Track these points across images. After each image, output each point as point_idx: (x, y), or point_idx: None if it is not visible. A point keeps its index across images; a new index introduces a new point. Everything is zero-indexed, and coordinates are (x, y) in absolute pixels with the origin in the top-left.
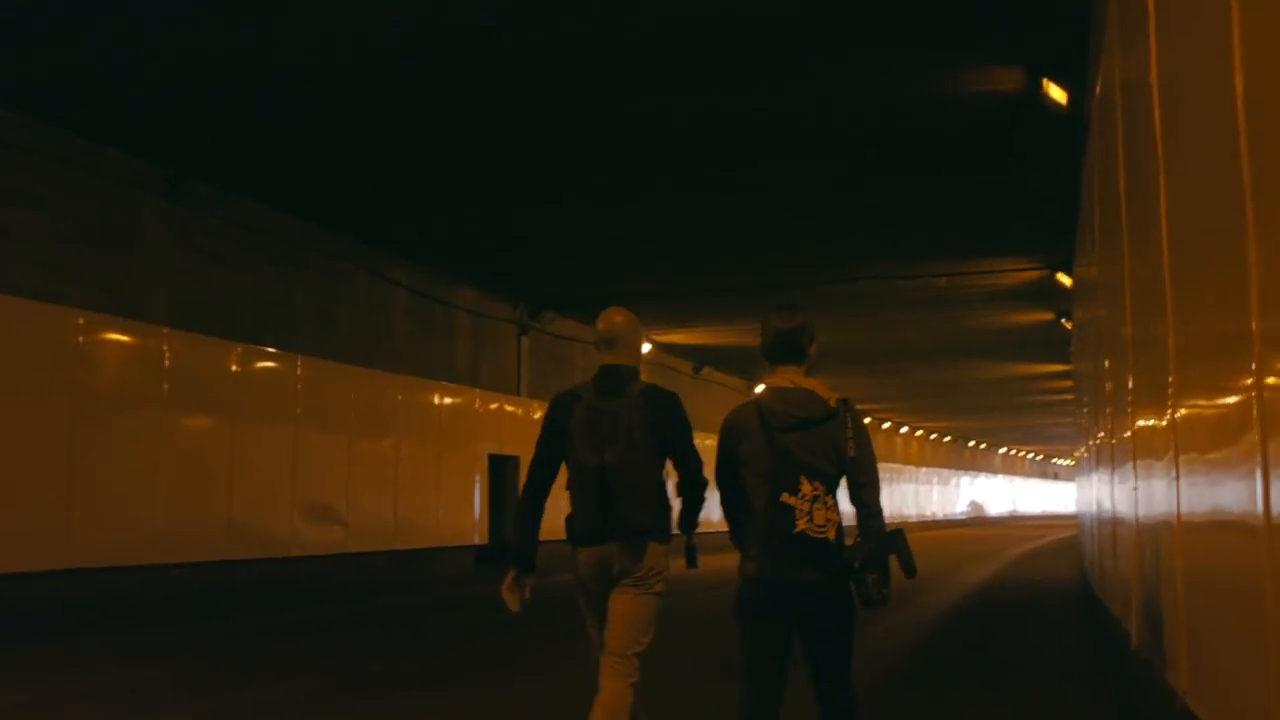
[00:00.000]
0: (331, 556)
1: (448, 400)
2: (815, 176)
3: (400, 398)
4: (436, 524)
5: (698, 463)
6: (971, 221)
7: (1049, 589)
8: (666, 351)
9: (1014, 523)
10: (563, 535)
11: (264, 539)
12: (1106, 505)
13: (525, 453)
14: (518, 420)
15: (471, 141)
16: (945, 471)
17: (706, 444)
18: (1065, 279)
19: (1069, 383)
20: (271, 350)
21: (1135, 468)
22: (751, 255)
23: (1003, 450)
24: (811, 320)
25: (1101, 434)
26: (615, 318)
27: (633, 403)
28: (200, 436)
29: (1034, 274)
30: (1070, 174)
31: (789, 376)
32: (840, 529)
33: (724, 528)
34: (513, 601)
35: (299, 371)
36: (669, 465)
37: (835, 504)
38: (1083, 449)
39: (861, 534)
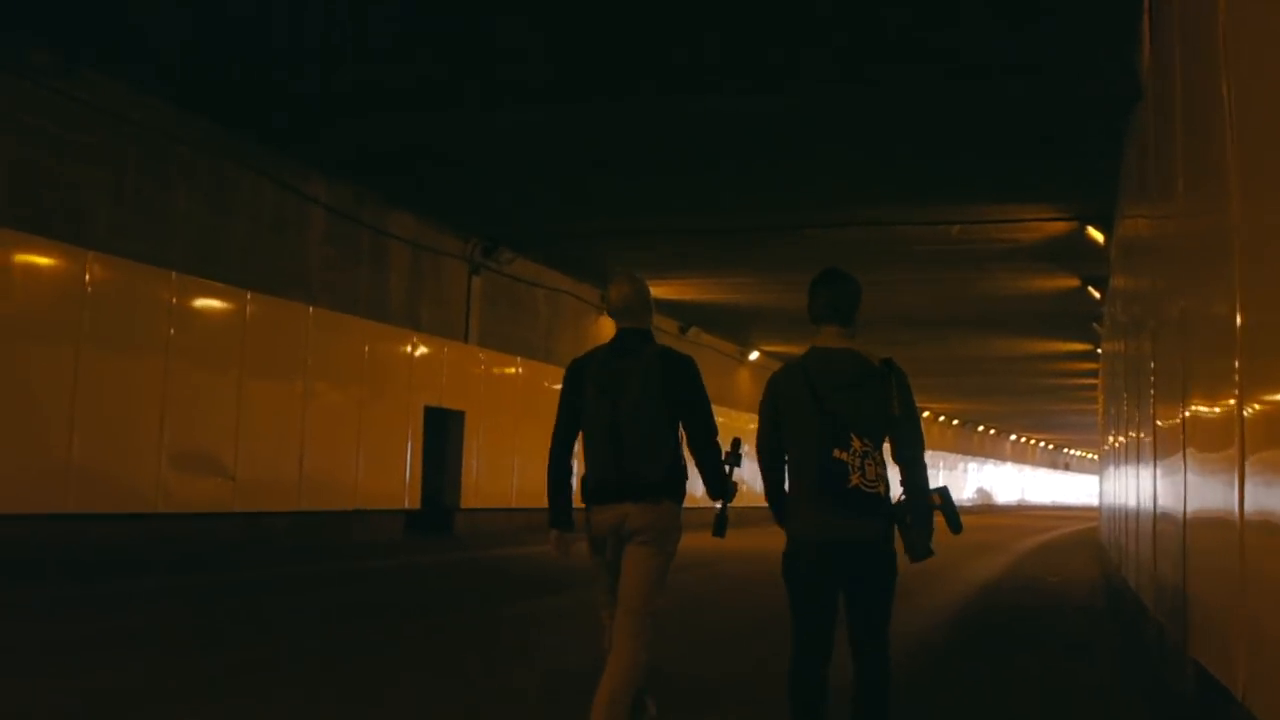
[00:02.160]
0: (214, 516)
1: (375, 341)
2: (810, 72)
3: (312, 334)
4: (355, 483)
5: (711, 426)
6: (993, 146)
7: (1067, 596)
8: None
9: (1022, 512)
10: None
11: (118, 491)
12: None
13: (471, 407)
14: (463, 370)
15: (403, 19)
16: (952, 456)
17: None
18: (1097, 234)
19: (1091, 365)
20: (131, 263)
21: None
22: (728, 190)
23: (1013, 438)
24: (860, 284)
25: (1180, 416)
26: (625, 288)
27: (647, 363)
28: (25, 363)
29: (1061, 226)
30: (1126, 81)
31: (833, 338)
32: (889, 485)
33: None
34: (559, 555)
35: (172, 291)
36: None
37: (883, 460)
38: (1120, 437)
39: (908, 491)
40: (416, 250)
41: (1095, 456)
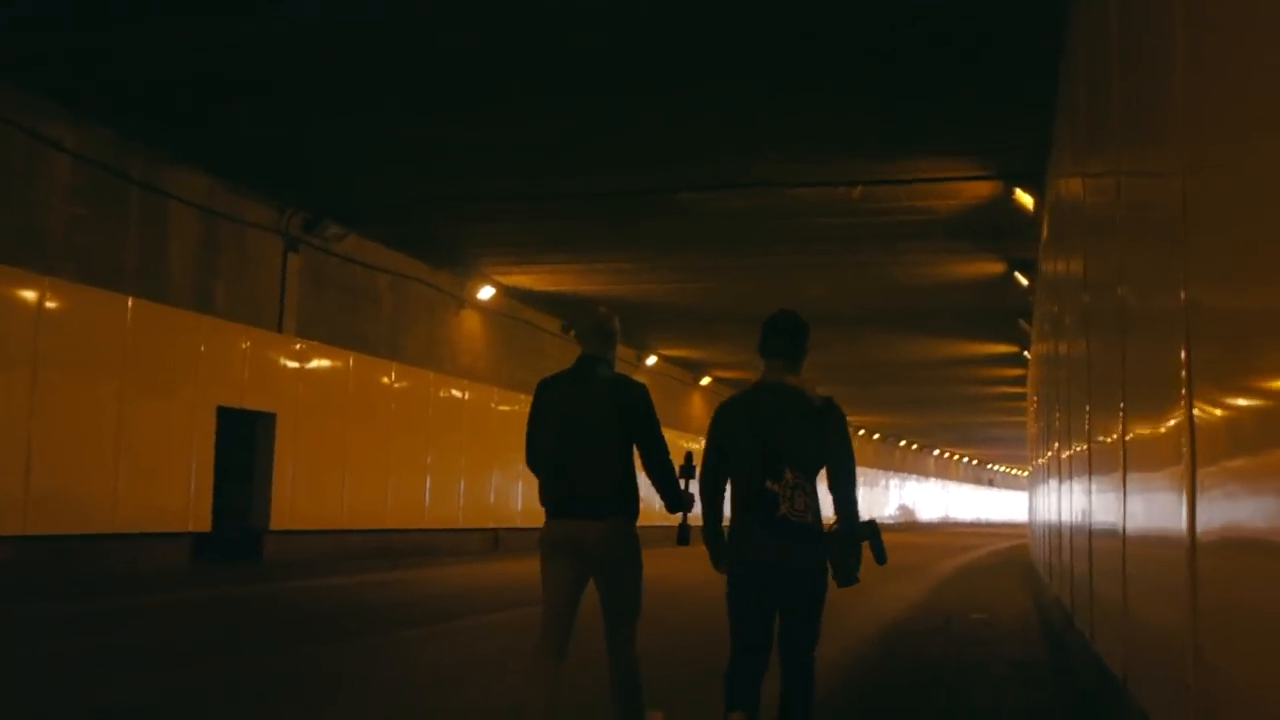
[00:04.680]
0: None
1: (144, 324)
2: None
3: (46, 311)
4: (113, 500)
5: (663, 448)
6: (889, 72)
7: (995, 640)
8: (523, 302)
9: (946, 529)
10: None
11: None
12: None
13: (284, 409)
14: (274, 365)
15: None
16: (874, 472)
17: None
18: (1026, 198)
19: (1018, 370)
20: None
21: None
22: (595, 146)
23: (935, 453)
24: (811, 327)
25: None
26: (592, 318)
27: (600, 389)
28: None
29: (983, 188)
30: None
31: (778, 372)
32: (818, 515)
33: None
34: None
35: None
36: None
37: (814, 492)
38: (1067, 451)
39: (839, 522)
40: (209, 217)
41: (1022, 473)
